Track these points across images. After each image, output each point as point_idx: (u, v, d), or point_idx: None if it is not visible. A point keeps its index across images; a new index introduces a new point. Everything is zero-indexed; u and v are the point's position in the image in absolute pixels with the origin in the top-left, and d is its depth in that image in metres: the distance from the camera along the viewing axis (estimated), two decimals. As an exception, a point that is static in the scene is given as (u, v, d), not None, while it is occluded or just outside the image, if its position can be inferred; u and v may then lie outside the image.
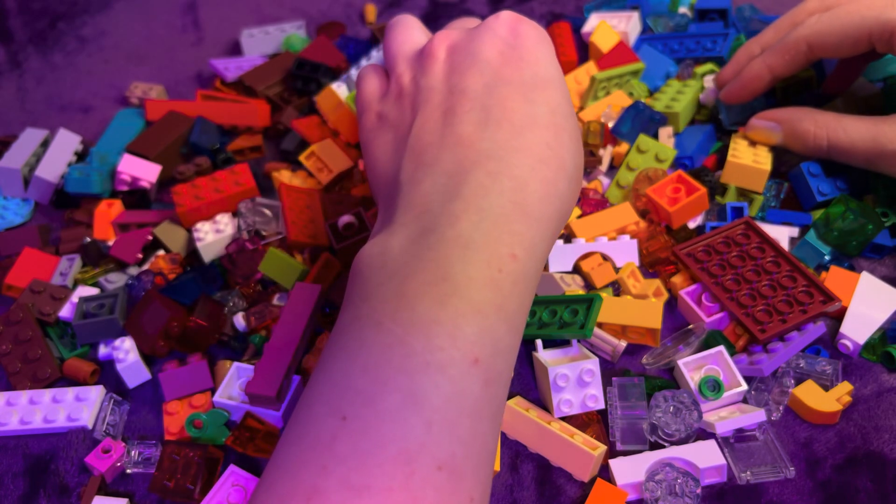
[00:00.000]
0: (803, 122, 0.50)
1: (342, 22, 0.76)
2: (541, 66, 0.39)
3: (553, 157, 0.37)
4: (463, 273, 0.32)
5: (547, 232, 0.36)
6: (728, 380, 0.43)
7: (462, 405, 0.31)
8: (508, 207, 0.34)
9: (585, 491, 0.41)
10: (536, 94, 0.38)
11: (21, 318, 0.51)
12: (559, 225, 0.38)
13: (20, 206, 0.61)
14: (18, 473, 0.45)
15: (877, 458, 0.41)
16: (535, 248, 0.35)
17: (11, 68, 0.75)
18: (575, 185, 0.39)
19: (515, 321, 0.34)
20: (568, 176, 0.37)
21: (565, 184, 0.37)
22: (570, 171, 0.38)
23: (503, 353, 0.33)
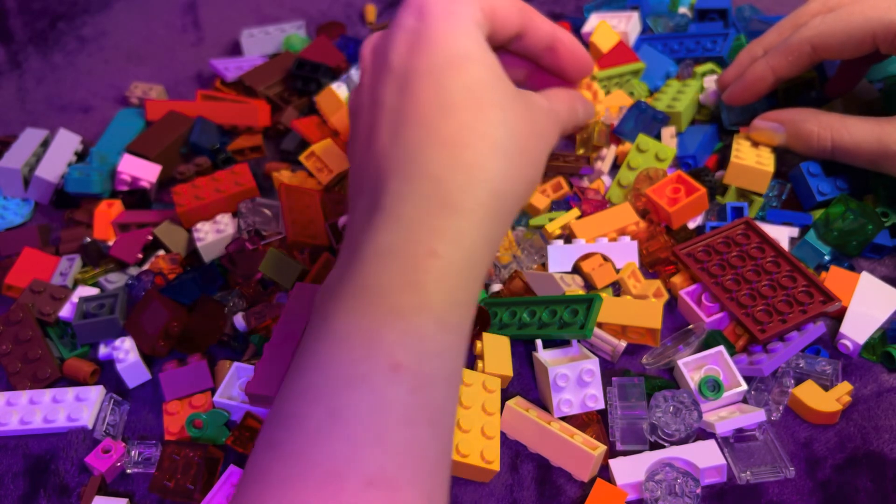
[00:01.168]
0: (807, 123, 0.50)
1: (342, 22, 0.76)
2: (450, 43, 0.36)
3: (475, 138, 0.34)
4: (379, 281, 0.32)
5: (479, 219, 0.34)
6: (728, 380, 0.43)
7: (388, 415, 0.30)
8: (426, 206, 0.33)
9: (585, 491, 0.41)
10: (448, 75, 0.35)
11: (21, 318, 0.51)
12: (503, 205, 0.35)
13: (20, 206, 0.61)
14: (18, 473, 0.45)
15: (877, 457, 0.41)
16: (463, 239, 0.33)
17: (11, 68, 0.75)
18: (518, 160, 0.36)
19: (449, 318, 0.33)
20: (502, 152, 0.35)
21: (497, 162, 0.34)
22: (503, 146, 0.35)
23: (434, 353, 0.32)
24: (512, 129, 0.36)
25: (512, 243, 0.52)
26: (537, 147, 0.38)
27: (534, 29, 0.41)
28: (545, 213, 0.54)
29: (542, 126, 0.38)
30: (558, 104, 0.41)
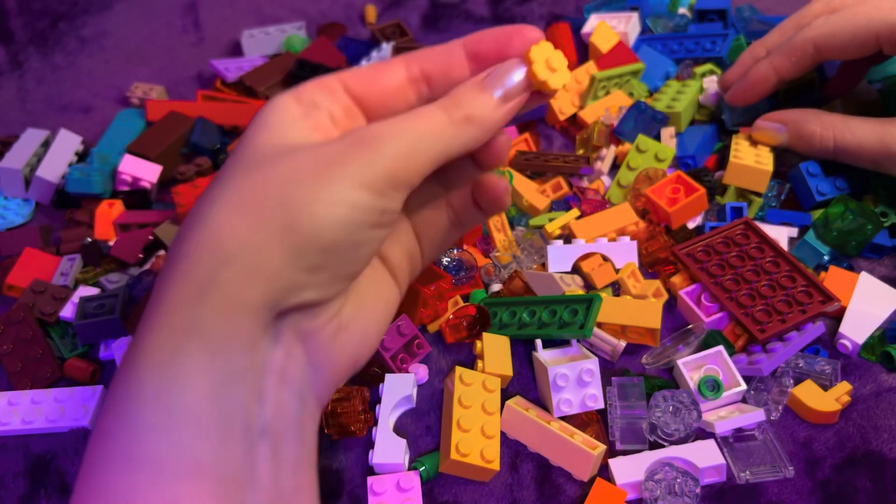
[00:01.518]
0: (809, 124, 0.50)
1: (342, 23, 0.76)
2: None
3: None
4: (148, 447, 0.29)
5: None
6: (727, 379, 0.43)
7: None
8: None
9: (585, 490, 0.41)
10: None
11: (22, 317, 0.51)
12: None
13: (21, 207, 0.61)
14: (19, 473, 0.45)
15: (876, 457, 0.41)
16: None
17: (12, 69, 0.76)
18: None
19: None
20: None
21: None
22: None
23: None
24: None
25: (512, 243, 0.52)
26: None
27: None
28: (545, 213, 0.54)
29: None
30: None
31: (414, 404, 0.45)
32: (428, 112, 0.31)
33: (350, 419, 0.42)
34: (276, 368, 0.31)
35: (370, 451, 0.42)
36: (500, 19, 0.74)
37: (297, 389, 0.32)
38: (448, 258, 0.50)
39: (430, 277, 0.47)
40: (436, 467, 0.42)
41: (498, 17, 0.74)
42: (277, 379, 0.31)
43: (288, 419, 0.32)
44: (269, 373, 0.31)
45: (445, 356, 0.48)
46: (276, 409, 0.31)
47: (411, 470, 0.42)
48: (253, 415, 0.30)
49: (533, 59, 0.31)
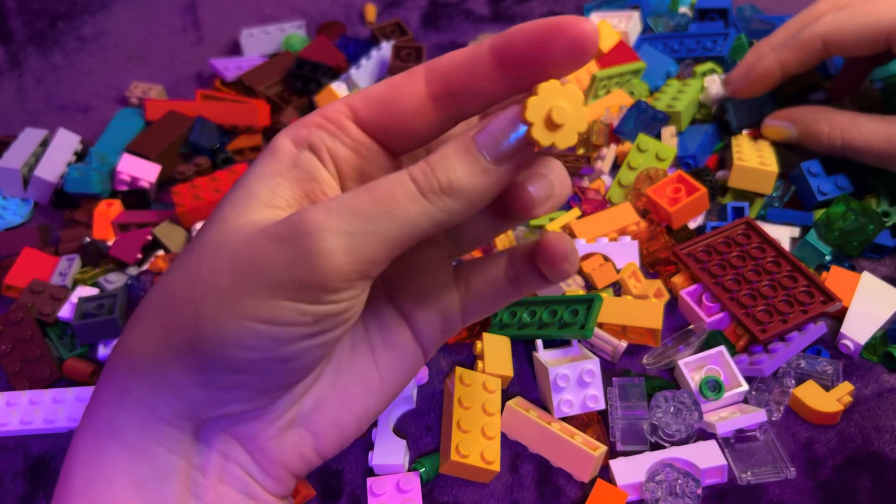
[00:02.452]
0: (817, 122, 0.50)
1: (342, 22, 0.76)
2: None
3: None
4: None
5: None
6: (728, 380, 0.43)
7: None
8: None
9: (585, 491, 0.41)
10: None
11: (21, 318, 0.51)
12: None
13: (20, 206, 0.61)
14: (18, 474, 0.45)
15: (877, 458, 0.41)
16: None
17: (11, 68, 0.75)
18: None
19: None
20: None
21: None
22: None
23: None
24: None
25: (512, 243, 0.52)
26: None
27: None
28: (545, 212, 0.54)
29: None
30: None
31: (414, 405, 0.45)
32: (392, 184, 0.25)
33: (350, 420, 0.42)
34: (213, 468, 0.29)
35: (370, 452, 0.42)
36: (500, 18, 0.74)
37: (241, 487, 0.30)
38: (448, 258, 0.50)
39: (430, 277, 0.47)
40: (436, 468, 0.42)
41: (498, 16, 0.74)
42: (215, 478, 0.29)
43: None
44: (205, 472, 0.29)
45: (445, 356, 0.48)
46: (216, 502, 0.29)
47: (411, 471, 0.42)
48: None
49: (531, 120, 0.25)
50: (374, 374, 0.31)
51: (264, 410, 0.29)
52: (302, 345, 0.26)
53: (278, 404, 0.29)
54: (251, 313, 0.25)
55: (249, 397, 0.28)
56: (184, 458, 0.29)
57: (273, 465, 0.30)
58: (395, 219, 0.25)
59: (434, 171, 0.25)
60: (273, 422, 0.29)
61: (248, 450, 0.30)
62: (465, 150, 0.25)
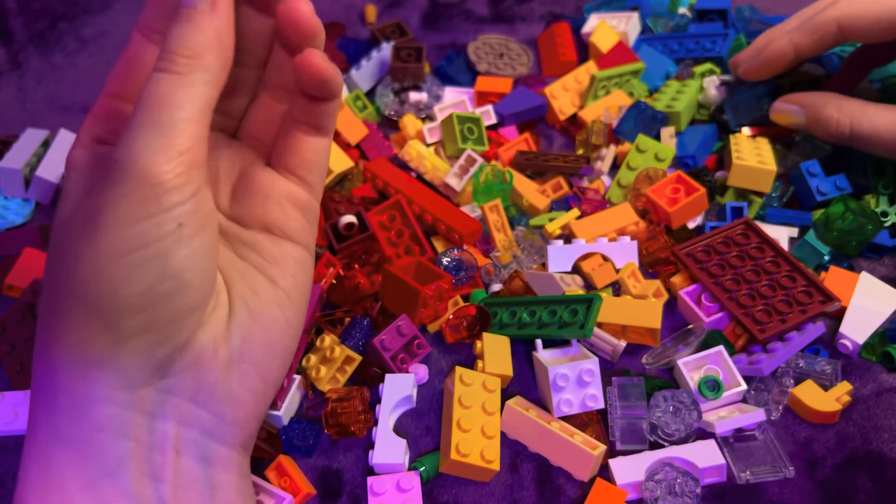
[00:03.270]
0: (827, 108, 0.50)
1: (342, 22, 0.76)
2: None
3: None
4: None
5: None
6: (727, 380, 0.43)
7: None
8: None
9: (585, 491, 0.41)
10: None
11: (22, 318, 0.51)
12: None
13: (21, 207, 0.61)
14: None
15: (876, 457, 0.41)
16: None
17: (12, 68, 0.76)
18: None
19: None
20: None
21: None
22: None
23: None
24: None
25: (512, 243, 0.52)
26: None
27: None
28: (545, 213, 0.54)
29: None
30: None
31: (414, 404, 0.45)
32: (150, 88, 0.29)
33: (350, 419, 0.42)
34: (169, 440, 0.30)
35: (370, 452, 0.42)
36: (500, 18, 0.74)
37: (198, 453, 0.31)
38: (448, 258, 0.50)
39: (430, 277, 0.47)
40: (436, 467, 0.42)
41: (498, 16, 0.74)
42: (173, 450, 0.30)
43: (193, 486, 0.30)
44: (161, 448, 0.30)
45: (445, 356, 0.48)
46: (175, 480, 0.30)
47: (411, 470, 0.42)
48: (147, 496, 0.29)
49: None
50: (276, 290, 0.34)
51: (191, 351, 0.30)
52: (180, 252, 0.28)
53: (202, 340, 0.30)
54: (119, 248, 0.27)
55: (166, 334, 0.29)
56: (134, 441, 0.29)
57: (228, 407, 0.31)
58: (168, 108, 0.28)
59: (170, 48, 0.29)
60: (209, 364, 0.30)
61: (198, 403, 0.30)
62: (178, 18, 0.30)
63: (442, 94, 0.64)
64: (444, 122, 0.58)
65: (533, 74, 0.67)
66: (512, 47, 0.68)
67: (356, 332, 0.47)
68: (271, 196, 0.34)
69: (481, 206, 0.53)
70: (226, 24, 0.30)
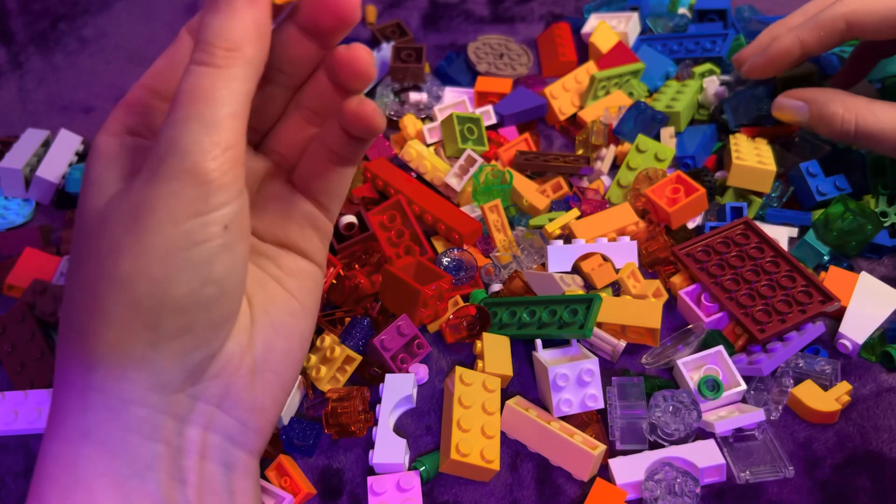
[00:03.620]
0: (832, 104, 0.48)
1: (342, 22, 0.76)
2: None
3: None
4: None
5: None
6: (727, 379, 0.44)
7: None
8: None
9: (585, 490, 0.41)
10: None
11: (22, 318, 0.51)
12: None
13: (21, 207, 0.61)
14: (20, 473, 0.45)
15: (876, 457, 0.41)
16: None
17: (13, 69, 0.76)
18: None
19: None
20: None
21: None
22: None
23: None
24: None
25: (512, 243, 0.52)
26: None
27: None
28: (545, 213, 0.54)
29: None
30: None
31: (414, 404, 0.46)
32: (190, 81, 0.28)
33: (350, 419, 0.43)
34: (196, 445, 0.30)
35: (370, 451, 0.42)
36: (500, 19, 0.74)
37: (221, 458, 0.31)
38: (448, 258, 0.50)
39: (430, 277, 0.47)
40: (436, 467, 0.42)
41: (498, 16, 0.74)
42: (199, 455, 0.30)
43: (216, 490, 0.30)
44: (189, 452, 0.30)
45: (445, 356, 0.48)
46: (199, 485, 0.30)
47: (411, 470, 0.42)
48: (173, 499, 0.29)
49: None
50: (293, 301, 0.34)
51: (221, 358, 0.30)
52: (225, 259, 0.28)
53: (230, 348, 0.30)
54: (167, 246, 0.27)
55: (203, 339, 0.29)
56: (164, 443, 0.29)
57: (251, 414, 0.32)
58: (212, 103, 0.28)
59: (209, 39, 0.28)
60: (236, 372, 0.31)
61: (224, 409, 0.31)
62: (214, 10, 0.29)
63: (442, 94, 0.64)
64: (444, 122, 0.58)
65: (533, 75, 0.67)
66: (512, 47, 0.69)
67: (356, 331, 0.47)
68: (292, 217, 0.35)
69: (481, 206, 0.53)
70: (265, 16, 0.30)
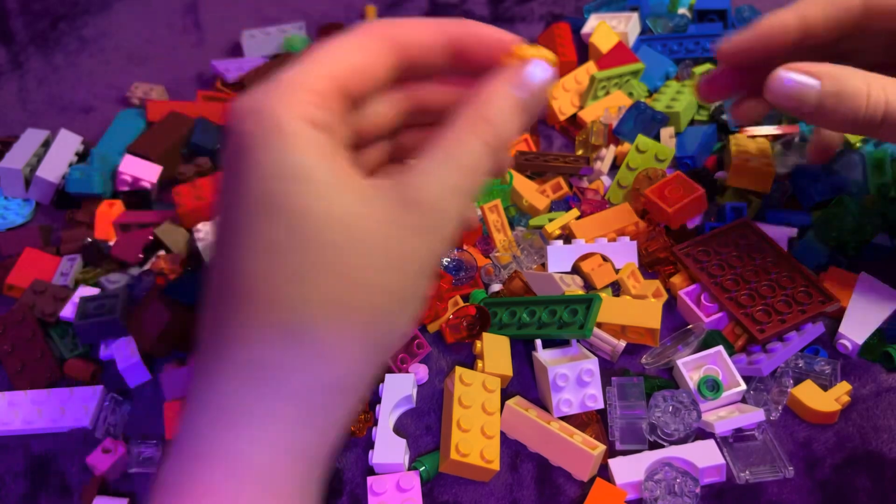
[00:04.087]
0: (853, 78, 0.36)
1: (342, 23, 0.76)
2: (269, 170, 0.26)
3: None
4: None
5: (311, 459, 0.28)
6: (727, 380, 0.44)
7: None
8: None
9: (585, 490, 0.41)
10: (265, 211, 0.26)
11: (22, 318, 0.51)
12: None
13: (21, 207, 0.62)
14: (19, 473, 0.45)
15: (875, 457, 0.41)
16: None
17: (13, 69, 0.76)
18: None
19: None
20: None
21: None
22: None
23: None
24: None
25: (512, 243, 0.52)
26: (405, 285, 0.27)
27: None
28: (545, 213, 0.54)
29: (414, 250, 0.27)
30: (446, 199, 0.27)
31: (414, 404, 0.46)
32: (471, 156, 0.27)
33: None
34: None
35: (370, 451, 0.42)
36: (499, 19, 0.74)
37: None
38: (448, 258, 0.50)
39: (430, 277, 0.47)
40: (436, 467, 0.42)
41: (498, 16, 0.74)
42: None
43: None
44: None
45: (445, 356, 0.48)
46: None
47: (411, 470, 0.42)
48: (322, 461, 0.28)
49: (531, 53, 0.29)
50: None
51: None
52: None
53: None
54: (416, 298, 0.27)
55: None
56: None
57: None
58: (480, 181, 0.28)
59: (498, 134, 0.27)
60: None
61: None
62: (515, 105, 0.28)
63: (442, 94, 0.64)
64: (444, 122, 0.58)
65: (533, 75, 0.67)
66: (512, 48, 0.68)
67: (356, 332, 0.47)
68: None
69: (481, 206, 0.53)
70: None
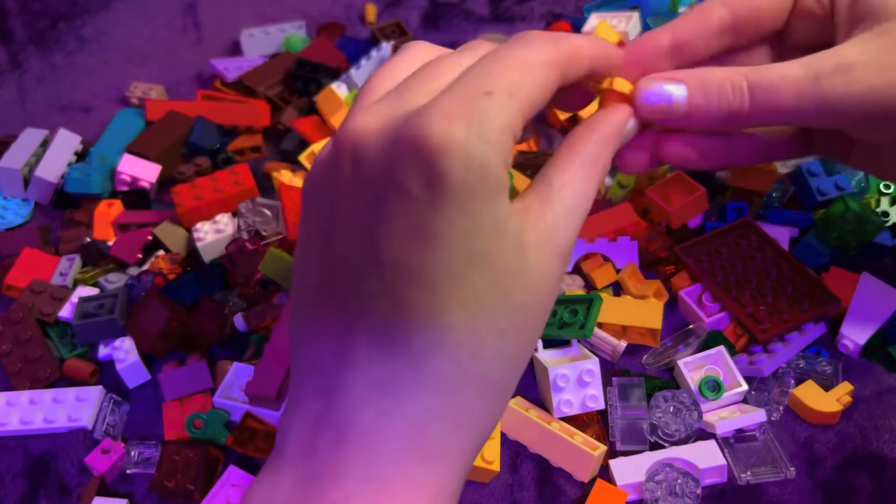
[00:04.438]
0: (715, 72, 0.33)
1: (342, 22, 0.76)
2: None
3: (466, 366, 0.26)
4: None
5: (460, 465, 0.27)
6: (728, 380, 0.43)
7: None
8: (403, 453, 0.26)
9: (585, 491, 0.41)
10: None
11: (21, 318, 0.51)
12: (482, 441, 0.28)
13: (20, 207, 0.61)
14: (18, 473, 0.45)
15: (877, 458, 0.41)
16: (443, 490, 0.27)
17: (12, 68, 0.76)
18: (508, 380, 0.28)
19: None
20: (493, 388, 0.27)
21: (487, 400, 0.27)
22: (494, 378, 0.27)
23: None
24: (507, 335, 0.27)
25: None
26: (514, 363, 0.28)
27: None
28: (545, 213, 0.54)
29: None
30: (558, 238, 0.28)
31: (414, 405, 0.45)
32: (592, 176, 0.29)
33: (350, 420, 0.42)
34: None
35: (370, 452, 0.42)
36: (499, 19, 0.74)
37: None
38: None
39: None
40: (436, 468, 0.42)
41: (498, 16, 0.74)
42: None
43: None
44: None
45: (445, 356, 0.48)
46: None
47: (411, 470, 0.42)
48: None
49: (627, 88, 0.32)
50: None
51: None
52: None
53: None
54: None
55: None
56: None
57: None
58: (586, 202, 0.30)
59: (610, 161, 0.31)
60: None
61: None
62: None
63: (442, 93, 0.64)
64: (444, 121, 0.58)
65: (533, 74, 0.66)
66: (512, 47, 0.68)
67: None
68: None
69: (481, 206, 0.53)
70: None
